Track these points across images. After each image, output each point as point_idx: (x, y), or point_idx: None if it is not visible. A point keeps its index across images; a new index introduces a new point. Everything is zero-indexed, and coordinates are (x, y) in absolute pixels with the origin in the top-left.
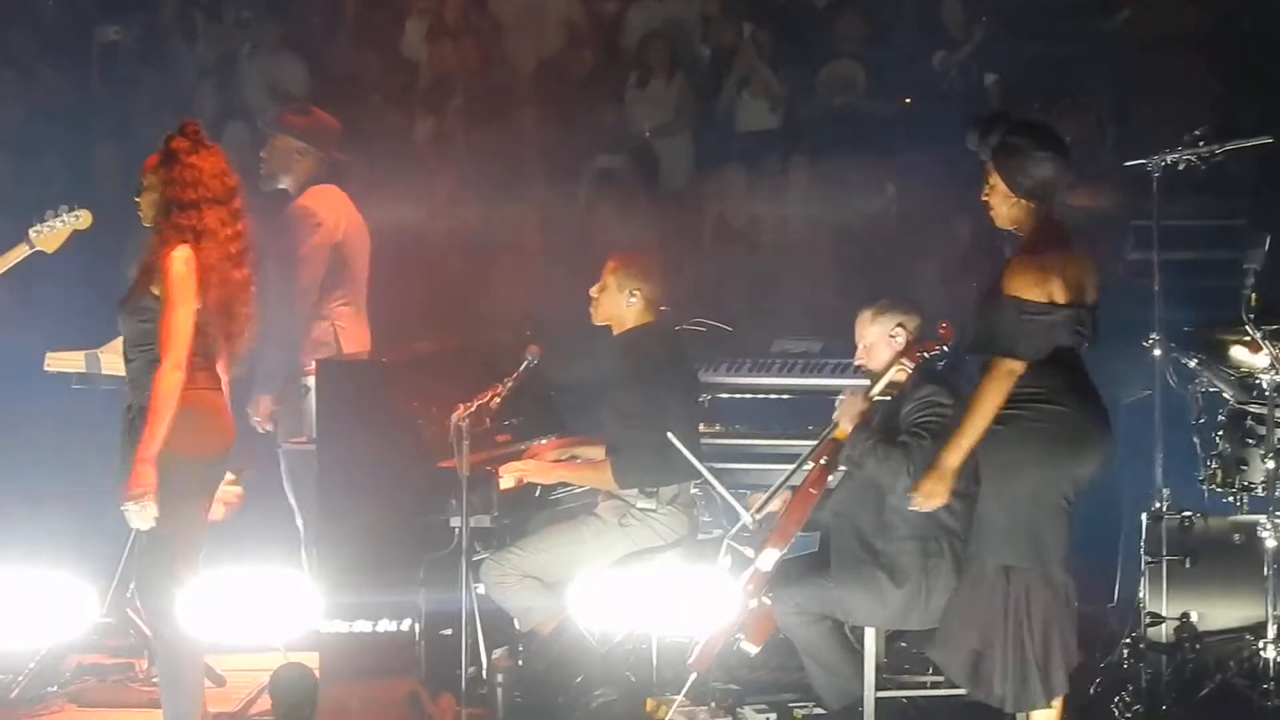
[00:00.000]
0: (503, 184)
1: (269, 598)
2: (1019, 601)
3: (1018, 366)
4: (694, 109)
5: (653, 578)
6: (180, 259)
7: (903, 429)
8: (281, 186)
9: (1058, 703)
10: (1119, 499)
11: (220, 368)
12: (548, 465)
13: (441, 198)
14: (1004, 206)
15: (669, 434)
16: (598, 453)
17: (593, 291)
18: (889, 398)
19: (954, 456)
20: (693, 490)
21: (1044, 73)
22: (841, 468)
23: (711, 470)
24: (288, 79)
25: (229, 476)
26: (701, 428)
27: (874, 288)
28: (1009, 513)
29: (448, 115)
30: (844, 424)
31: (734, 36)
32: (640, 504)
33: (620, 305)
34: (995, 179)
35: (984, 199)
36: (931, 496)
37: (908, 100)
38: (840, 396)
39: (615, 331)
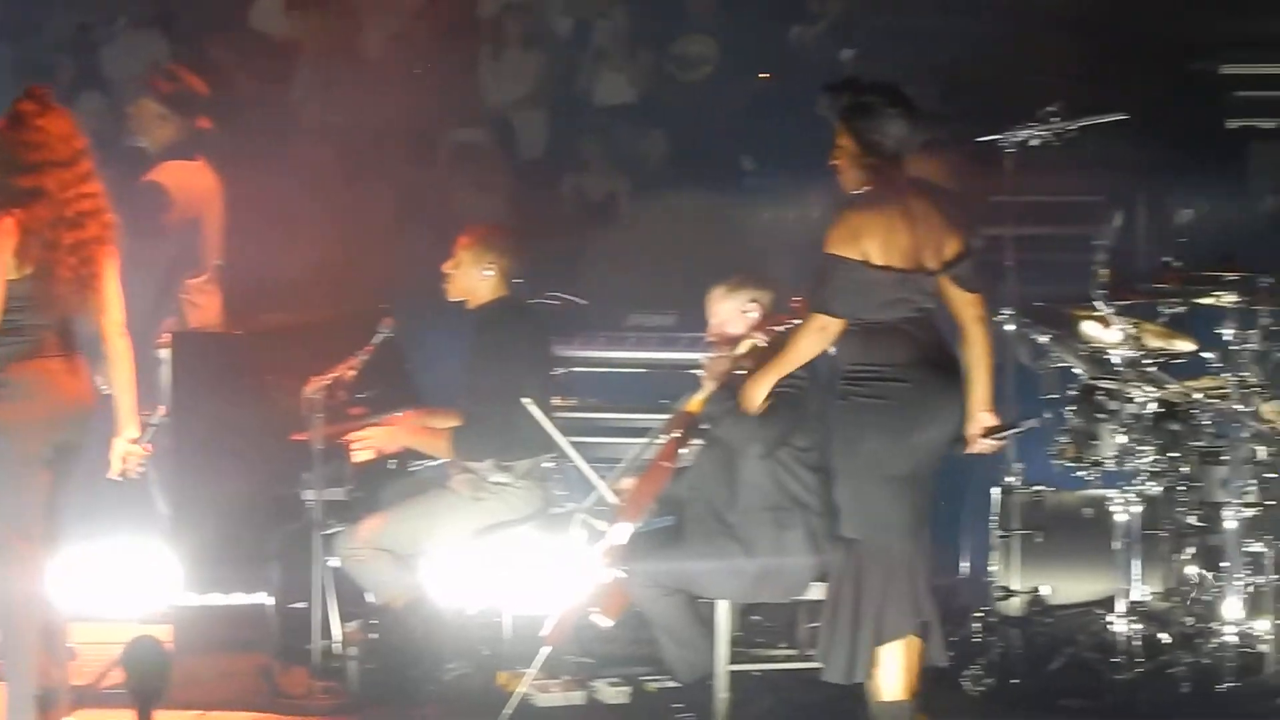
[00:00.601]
0: (360, 156)
1: (125, 570)
2: (849, 573)
3: (830, 323)
4: (551, 82)
5: (507, 551)
6: None
7: None
8: (143, 145)
9: (894, 673)
10: (968, 472)
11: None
12: (392, 430)
13: (299, 170)
14: (854, 168)
15: (526, 403)
16: (452, 424)
17: (447, 267)
18: (744, 371)
19: (764, 384)
20: (547, 464)
21: (901, 47)
22: (696, 442)
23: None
24: (153, 52)
25: (130, 434)
26: (556, 401)
27: (729, 263)
28: (847, 486)
29: (305, 86)
30: (708, 382)
31: (593, 9)
32: (494, 477)
33: (475, 279)
34: (846, 140)
35: (834, 163)
36: (750, 401)
37: (765, 75)
38: (703, 358)
39: (470, 305)
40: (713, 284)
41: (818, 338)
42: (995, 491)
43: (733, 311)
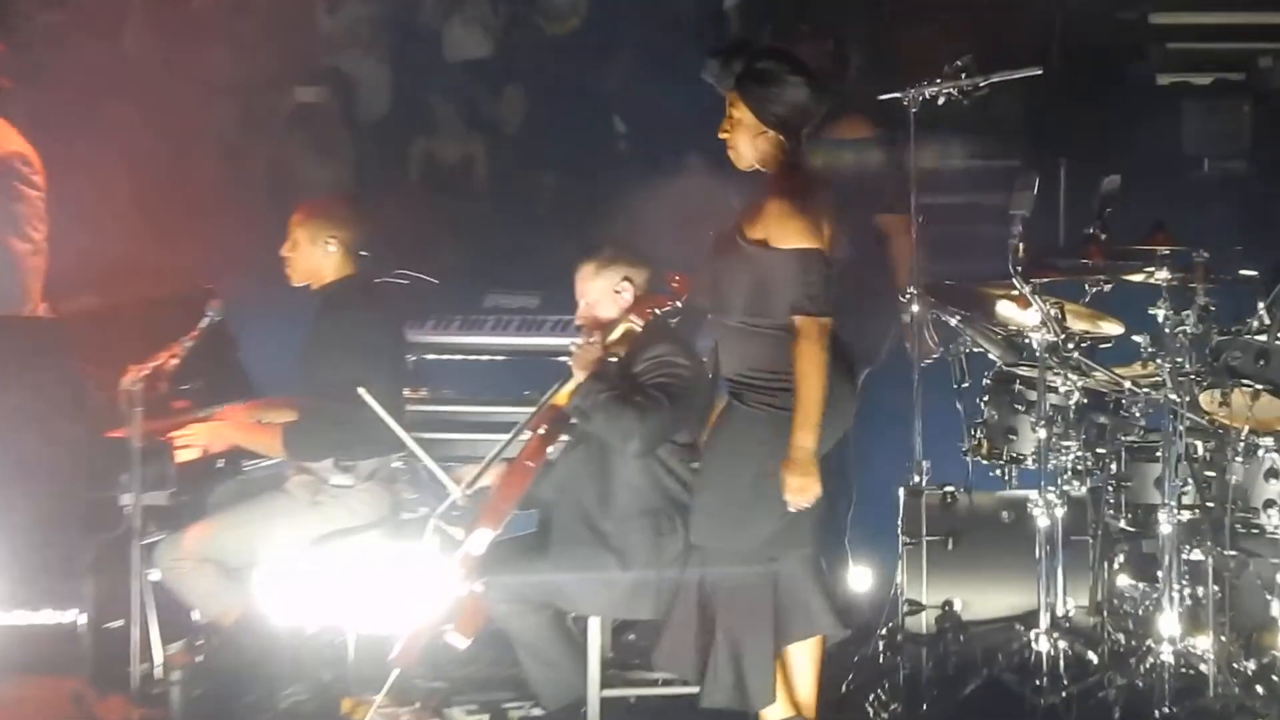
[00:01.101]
0: (185, 117)
1: None
2: (736, 589)
3: (827, 325)
4: (396, 33)
5: (350, 562)
6: None
7: (635, 389)
8: None
9: (788, 691)
10: (867, 470)
11: None
12: (220, 426)
13: (116, 134)
14: (749, 143)
15: (362, 393)
16: (287, 418)
17: (284, 251)
18: (616, 358)
19: (807, 437)
20: (395, 464)
21: None
22: (563, 438)
23: (417, 441)
24: None
25: None
26: (406, 393)
27: (600, 237)
28: (720, 492)
29: (121, 41)
30: (577, 372)
31: None
32: (335, 479)
33: (316, 258)
34: (740, 111)
35: (723, 136)
36: (805, 490)
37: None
38: (571, 344)
39: (314, 287)
40: (581, 260)
41: (823, 345)
42: (900, 492)
43: (604, 291)
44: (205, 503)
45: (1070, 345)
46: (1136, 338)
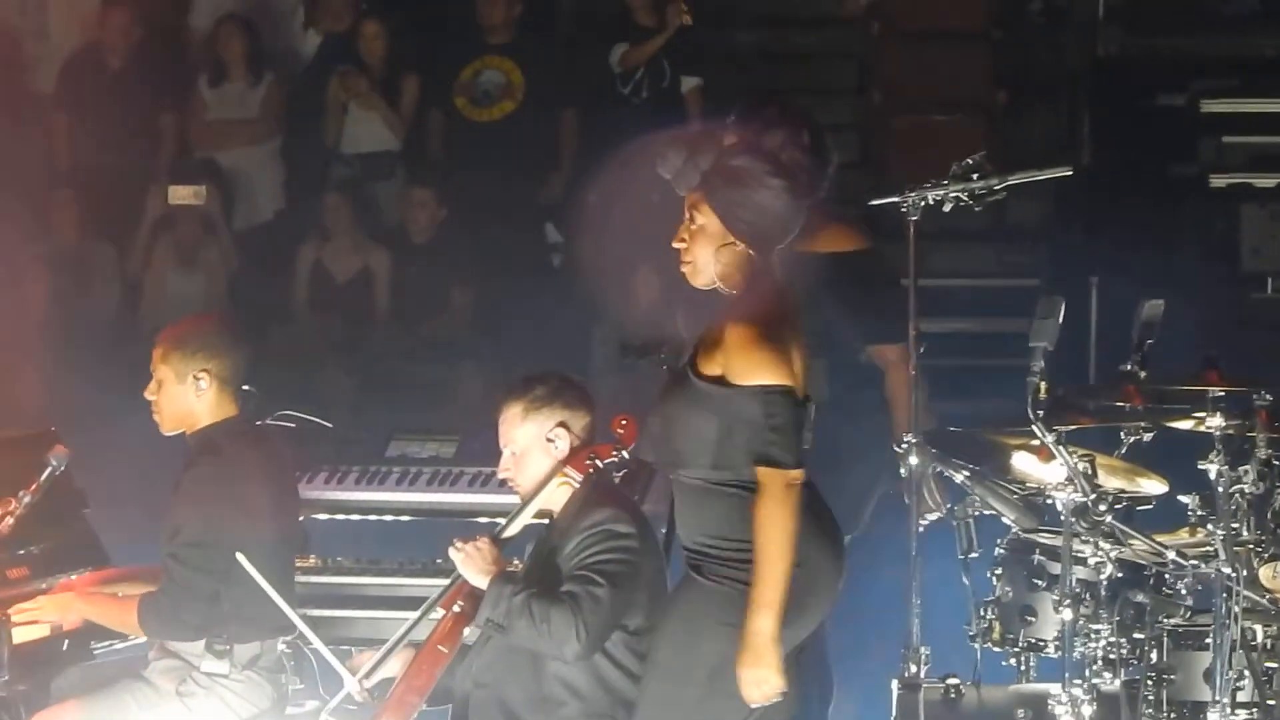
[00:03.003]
0: (18, 225)
1: None
2: None
3: (798, 478)
4: (284, 121)
5: None
6: None
7: (566, 573)
8: None
9: None
10: (850, 657)
11: None
12: (66, 598)
13: None
14: (709, 255)
15: (240, 558)
16: (149, 589)
17: (148, 394)
18: (545, 520)
19: (767, 620)
20: (281, 648)
21: (761, 74)
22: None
23: (305, 620)
24: None
25: None
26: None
27: (528, 369)
28: (670, 683)
29: None
30: (471, 579)
31: (347, 22)
32: (206, 665)
33: (187, 398)
34: (704, 215)
35: (678, 245)
36: (761, 684)
37: (569, 110)
38: (454, 543)
39: (188, 434)
40: (505, 400)
41: (793, 500)
42: (893, 686)
43: (534, 439)
44: (47, 691)
45: (1102, 507)
46: (1183, 498)
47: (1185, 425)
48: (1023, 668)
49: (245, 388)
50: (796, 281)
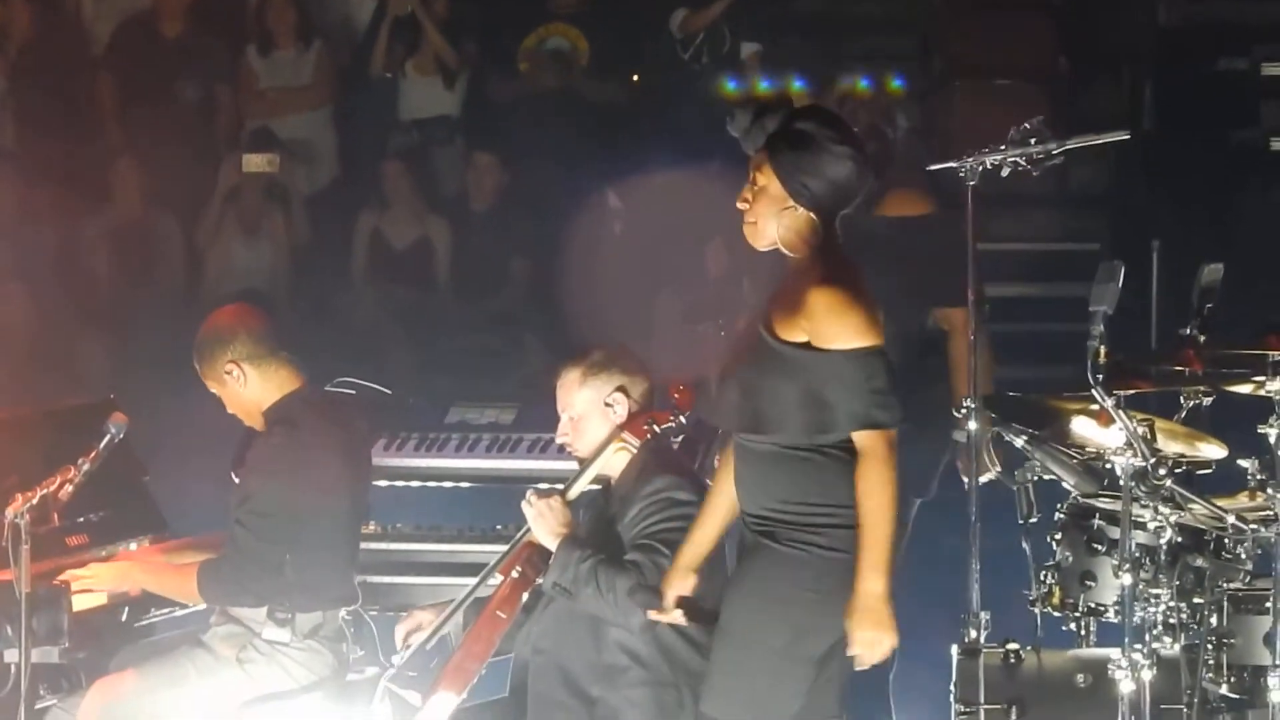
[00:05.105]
0: (78, 190)
1: None
2: None
3: (895, 436)
4: (337, 88)
5: None
6: None
7: (630, 540)
8: None
9: None
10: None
11: None
12: (125, 566)
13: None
14: (772, 217)
15: None
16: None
17: (211, 387)
18: (599, 486)
19: (878, 582)
20: (343, 617)
21: (822, 40)
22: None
23: (364, 586)
24: None
25: None
26: None
27: (587, 337)
28: (745, 653)
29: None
30: (542, 540)
31: None
32: (268, 633)
33: (238, 393)
34: (767, 179)
35: (741, 206)
36: (878, 645)
37: (634, 77)
38: (528, 498)
39: (260, 413)
40: (564, 366)
41: (893, 465)
42: (953, 651)
43: (591, 405)
44: (106, 661)
45: (1161, 471)
46: (1243, 463)
47: (1245, 389)
48: (1082, 633)
49: (284, 354)
50: (862, 246)
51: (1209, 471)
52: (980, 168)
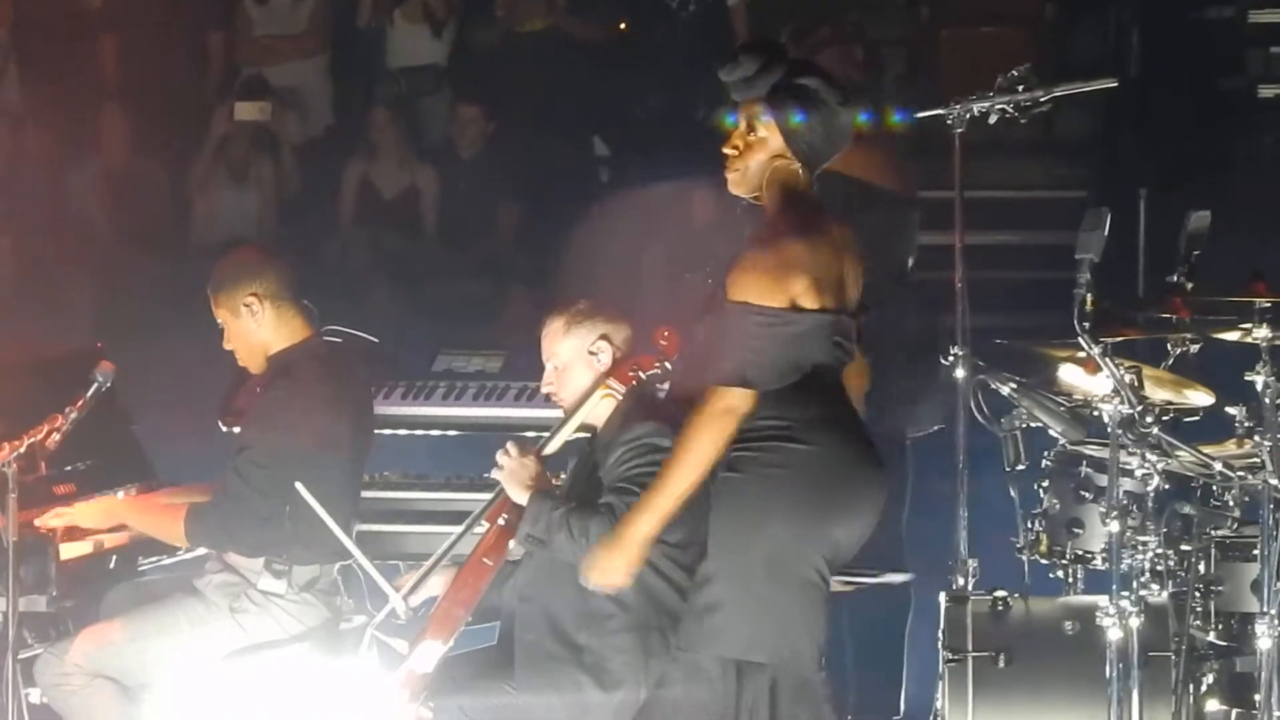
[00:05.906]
0: (71, 139)
1: None
2: (757, 710)
3: (740, 401)
4: (330, 34)
5: (273, 681)
6: None
7: (607, 485)
8: None
9: None
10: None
11: None
12: (107, 502)
13: None
14: (758, 167)
15: (299, 487)
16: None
17: (225, 345)
18: (587, 435)
19: (643, 523)
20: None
21: None
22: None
23: (353, 534)
24: None
25: None
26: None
27: (571, 285)
28: (740, 588)
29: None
30: (513, 494)
31: None
32: (263, 584)
33: (249, 329)
34: (766, 129)
35: (729, 152)
36: (606, 574)
37: (621, 24)
38: (500, 454)
39: (266, 360)
40: (549, 314)
41: (723, 424)
42: (940, 599)
43: (576, 352)
44: (95, 608)
45: (1149, 419)
46: (1230, 410)
47: (1232, 337)
48: (1070, 580)
49: (305, 303)
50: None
51: (1196, 419)
52: (968, 115)
